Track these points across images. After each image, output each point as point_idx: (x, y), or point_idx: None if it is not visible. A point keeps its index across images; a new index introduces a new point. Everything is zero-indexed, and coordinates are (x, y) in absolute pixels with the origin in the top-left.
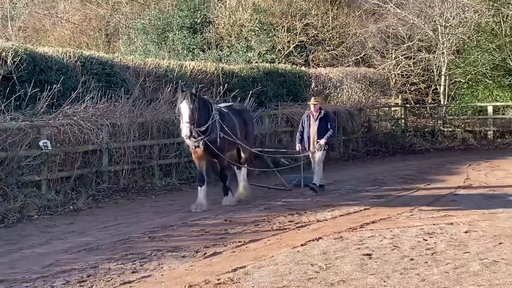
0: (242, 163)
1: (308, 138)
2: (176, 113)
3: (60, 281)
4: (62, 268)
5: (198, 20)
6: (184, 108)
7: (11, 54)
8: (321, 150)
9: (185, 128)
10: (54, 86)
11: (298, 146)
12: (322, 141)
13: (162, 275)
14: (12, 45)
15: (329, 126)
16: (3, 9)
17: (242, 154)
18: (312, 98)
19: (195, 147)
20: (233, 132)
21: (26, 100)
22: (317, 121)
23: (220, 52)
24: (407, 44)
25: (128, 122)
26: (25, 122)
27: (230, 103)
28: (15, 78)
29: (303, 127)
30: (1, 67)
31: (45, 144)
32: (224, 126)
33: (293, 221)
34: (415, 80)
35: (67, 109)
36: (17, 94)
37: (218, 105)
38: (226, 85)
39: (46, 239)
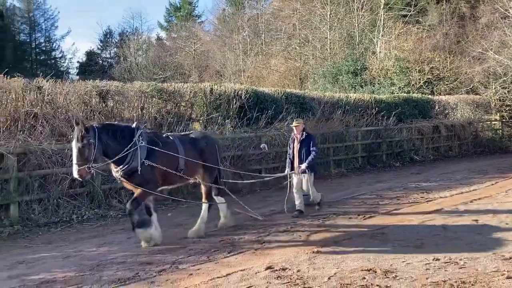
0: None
1: (292, 161)
2: None
3: (273, 230)
4: (274, 223)
5: (359, 67)
6: (73, 148)
7: (244, 92)
8: (304, 173)
9: (73, 170)
10: (269, 111)
11: (287, 170)
12: (303, 166)
13: (337, 229)
14: (244, 87)
15: (311, 148)
16: (238, 65)
17: (202, 187)
18: (294, 121)
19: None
20: (169, 160)
21: (252, 120)
22: (299, 143)
23: (372, 87)
24: (503, 79)
25: (314, 133)
26: (252, 133)
27: (189, 132)
28: (246, 107)
29: (290, 149)
30: (238, 100)
31: (263, 146)
32: (156, 154)
33: (424, 197)
34: (509, 103)
35: (276, 125)
36: (247, 116)
37: (171, 134)
38: (376, 108)
39: (267, 203)
